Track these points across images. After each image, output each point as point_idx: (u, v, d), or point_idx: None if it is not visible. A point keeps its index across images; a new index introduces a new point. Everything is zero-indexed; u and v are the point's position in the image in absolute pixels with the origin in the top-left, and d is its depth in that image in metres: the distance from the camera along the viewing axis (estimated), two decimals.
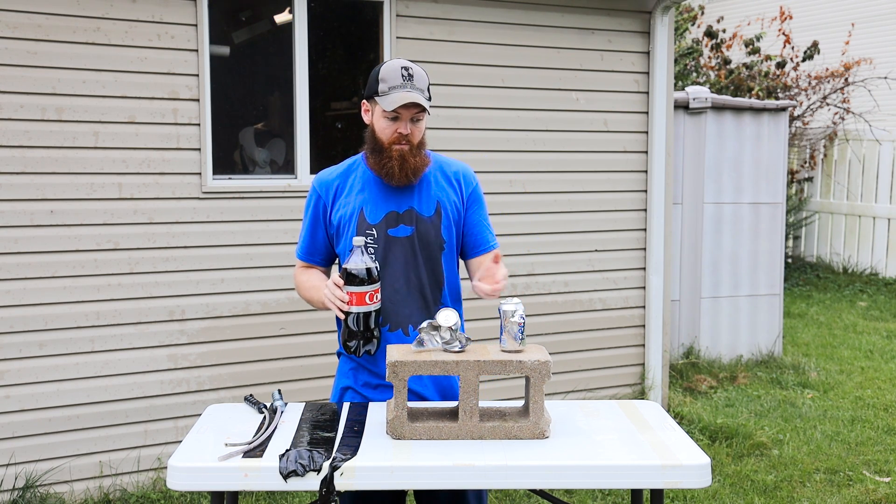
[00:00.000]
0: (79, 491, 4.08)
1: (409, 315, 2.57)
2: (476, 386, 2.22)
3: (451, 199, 2.62)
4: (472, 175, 2.69)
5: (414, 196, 2.59)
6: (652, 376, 5.42)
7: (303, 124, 4.48)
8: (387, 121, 2.51)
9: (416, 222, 2.57)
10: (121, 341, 4.13)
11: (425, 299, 2.58)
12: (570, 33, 5.07)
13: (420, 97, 2.47)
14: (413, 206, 2.58)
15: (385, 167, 2.54)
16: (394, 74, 2.49)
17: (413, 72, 2.50)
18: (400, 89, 2.47)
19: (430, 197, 2.60)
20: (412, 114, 2.50)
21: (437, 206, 2.60)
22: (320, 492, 2.04)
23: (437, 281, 2.60)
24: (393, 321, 2.56)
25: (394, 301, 2.56)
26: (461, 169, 2.68)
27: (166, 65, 4.15)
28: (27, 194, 3.93)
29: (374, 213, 2.58)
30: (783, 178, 6.61)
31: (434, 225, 2.59)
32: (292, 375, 4.50)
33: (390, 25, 4.61)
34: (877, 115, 10.40)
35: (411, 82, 2.48)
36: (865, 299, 9.02)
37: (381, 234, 2.56)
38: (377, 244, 2.56)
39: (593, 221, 5.25)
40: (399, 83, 2.48)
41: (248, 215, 4.37)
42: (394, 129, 2.51)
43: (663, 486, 2.12)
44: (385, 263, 2.56)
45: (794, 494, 4.21)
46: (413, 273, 2.57)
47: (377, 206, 2.58)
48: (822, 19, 12.33)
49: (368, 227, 2.57)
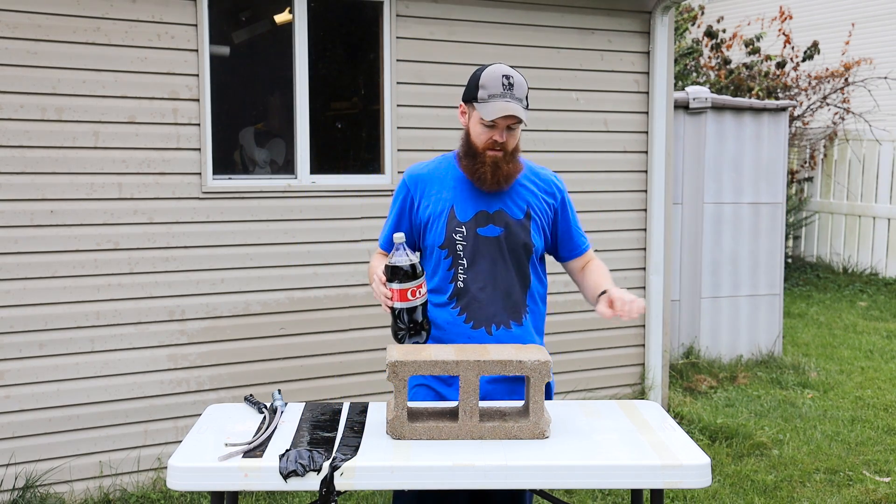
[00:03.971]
0: (79, 491, 4.08)
1: (493, 314, 2.58)
2: (476, 386, 2.22)
3: (541, 204, 2.65)
4: (561, 182, 2.74)
5: (505, 198, 2.61)
6: (652, 376, 5.42)
7: (303, 124, 4.48)
8: (483, 127, 2.53)
9: (505, 224, 2.59)
10: (121, 341, 4.13)
11: (511, 299, 2.61)
12: (570, 33, 5.07)
13: (519, 108, 2.48)
14: (503, 208, 2.61)
15: (478, 172, 2.56)
16: (494, 82, 2.49)
17: (514, 81, 2.50)
18: (500, 98, 2.48)
19: (521, 200, 2.63)
20: (509, 123, 2.52)
21: (527, 209, 2.63)
22: (320, 492, 2.04)
23: (524, 282, 2.63)
24: (477, 319, 2.58)
25: (479, 300, 2.58)
26: (551, 175, 2.72)
27: (166, 65, 4.15)
28: (27, 194, 3.93)
29: (464, 212, 2.60)
30: (783, 178, 6.61)
31: (524, 228, 2.61)
32: (292, 375, 4.50)
33: (390, 25, 4.61)
34: (877, 115, 10.40)
35: (511, 92, 2.49)
36: (865, 299, 9.02)
37: (470, 233, 2.58)
38: (466, 242, 2.58)
39: (593, 221, 5.25)
40: (499, 92, 2.48)
41: (248, 215, 4.37)
42: (489, 135, 2.52)
43: (663, 486, 2.12)
44: (473, 262, 2.58)
45: (794, 494, 4.21)
46: (501, 273, 2.59)
47: (467, 204, 2.60)
48: (822, 19, 12.33)
49: (458, 224, 2.59)
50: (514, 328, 2.61)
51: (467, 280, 2.58)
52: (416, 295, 2.43)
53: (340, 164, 5.02)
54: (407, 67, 4.66)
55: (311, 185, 4.49)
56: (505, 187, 2.59)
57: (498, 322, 2.58)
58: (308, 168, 4.49)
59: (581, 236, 2.76)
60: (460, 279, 2.59)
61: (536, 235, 2.64)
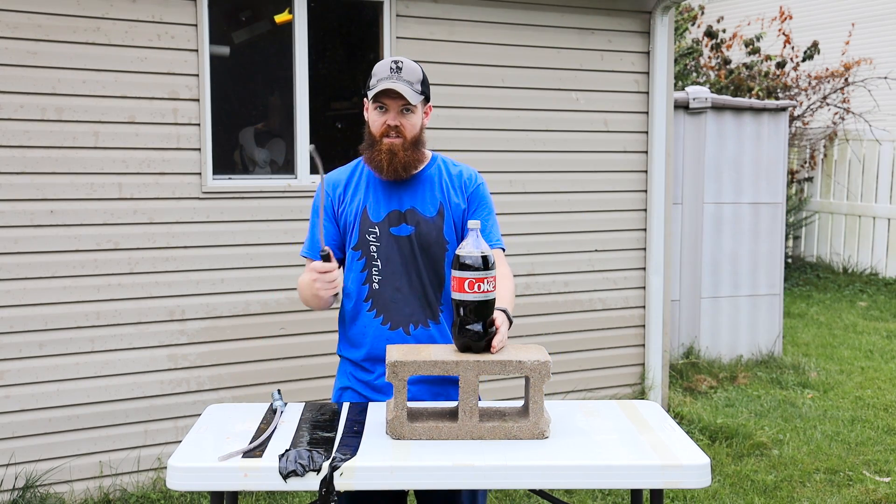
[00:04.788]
0: (79, 491, 4.08)
1: (410, 314, 2.57)
2: (476, 386, 2.22)
3: (454, 199, 2.62)
4: (475, 175, 2.68)
5: (416, 196, 2.59)
6: (652, 376, 5.42)
7: (303, 124, 4.48)
8: (376, 113, 2.53)
9: (417, 222, 2.57)
10: (121, 341, 4.13)
11: (426, 299, 2.58)
12: (570, 33, 5.07)
13: (404, 87, 2.47)
14: (415, 206, 2.58)
15: (374, 160, 2.54)
16: (383, 68, 2.51)
17: (403, 65, 2.51)
18: (385, 80, 2.48)
19: (433, 197, 2.60)
20: (399, 105, 2.50)
21: (439, 206, 2.60)
22: (320, 492, 2.04)
23: (438, 281, 2.60)
24: (393, 320, 2.56)
25: (395, 300, 2.56)
26: (465, 169, 2.67)
27: (166, 65, 4.15)
28: (27, 194, 3.93)
29: (376, 212, 2.58)
30: (783, 178, 6.61)
31: (436, 225, 2.58)
32: (292, 375, 4.50)
33: (390, 25, 4.61)
34: (877, 115, 10.39)
35: (398, 74, 2.49)
36: (865, 299, 9.02)
37: (383, 233, 2.57)
38: (379, 242, 2.56)
39: (593, 221, 5.25)
40: (386, 75, 2.49)
41: (248, 215, 4.37)
42: (382, 120, 2.52)
43: (663, 486, 2.12)
44: (387, 262, 2.56)
45: (794, 494, 4.21)
46: (414, 272, 2.57)
47: (380, 204, 2.59)
48: (822, 19, 12.33)
49: (371, 224, 2.57)
50: (432, 327, 2.58)
51: (381, 281, 2.56)
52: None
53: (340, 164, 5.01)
54: None
55: (311, 185, 4.49)
56: (404, 176, 2.56)
57: (416, 321, 2.55)
58: (308, 168, 4.49)
59: (489, 237, 2.59)
60: (375, 280, 2.57)
61: (450, 232, 2.61)
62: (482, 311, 2.27)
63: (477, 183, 2.66)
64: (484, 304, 2.27)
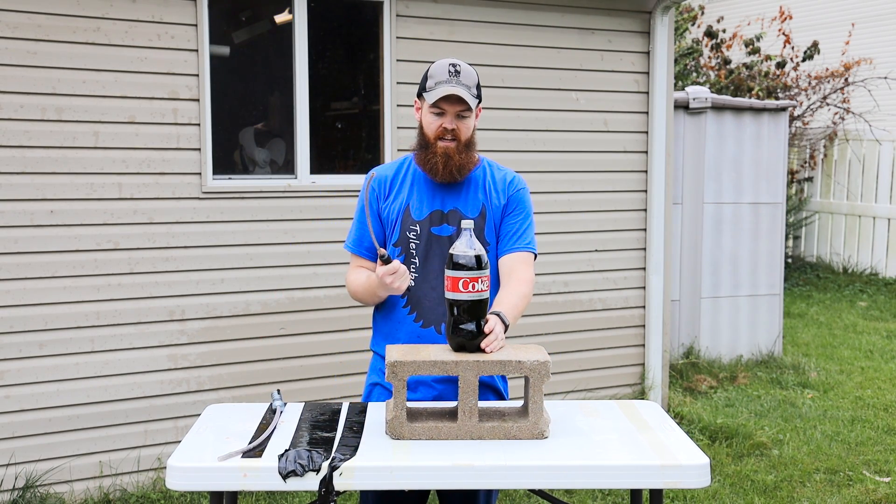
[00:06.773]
0: (79, 491, 4.08)
1: (443, 313, 2.57)
2: (475, 386, 2.22)
3: (495, 201, 2.64)
4: (519, 179, 2.71)
5: (460, 197, 2.62)
6: (652, 376, 5.42)
7: (303, 124, 4.48)
8: (433, 116, 2.54)
9: (459, 223, 2.58)
10: (121, 341, 4.13)
11: None
12: (570, 33, 5.07)
13: (464, 92, 2.49)
14: (458, 207, 2.61)
15: (429, 163, 2.56)
16: (441, 71, 2.52)
17: (461, 69, 2.53)
18: (445, 84, 2.49)
19: (476, 199, 2.62)
20: (457, 110, 2.52)
21: (482, 208, 2.62)
22: (319, 492, 2.04)
23: None
24: (427, 318, 2.58)
25: (430, 298, 2.58)
26: (509, 173, 2.70)
27: (166, 65, 4.15)
28: (27, 194, 3.93)
29: (419, 210, 2.60)
30: (783, 178, 6.61)
31: (477, 227, 2.59)
32: (292, 375, 4.50)
33: (390, 25, 4.61)
34: (877, 115, 10.39)
35: (457, 78, 2.51)
36: (865, 299, 9.02)
37: (423, 232, 2.59)
38: (419, 240, 2.58)
39: (593, 221, 5.25)
40: (445, 79, 2.50)
41: (248, 215, 4.37)
42: (438, 124, 2.53)
43: (663, 486, 2.12)
44: (425, 260, 2.58)
45: (794, 494, 4.21)
46: None
47: (423, 203, 2.61)
48: (822, 19, 12.33)
49: (413, 222, 2.59)
50: None
51: (418, 279, 2.58)
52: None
53: (340, 164, 5.03)
54: (407, 67, 4.66)
55: (311, 185, 4.49)
56: (458, 178, 2.58)
57: None
58: (308, 168, 4.49)
59: (519, 237, 2.63)
60: (412, 278, 2.58)
61: (490, 234, 2.63)
62: (476, 311, 2.27)
63: (518, 187, 2.69)
64: (477, 303, 2.27)
